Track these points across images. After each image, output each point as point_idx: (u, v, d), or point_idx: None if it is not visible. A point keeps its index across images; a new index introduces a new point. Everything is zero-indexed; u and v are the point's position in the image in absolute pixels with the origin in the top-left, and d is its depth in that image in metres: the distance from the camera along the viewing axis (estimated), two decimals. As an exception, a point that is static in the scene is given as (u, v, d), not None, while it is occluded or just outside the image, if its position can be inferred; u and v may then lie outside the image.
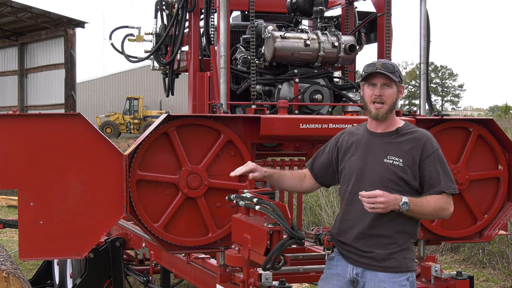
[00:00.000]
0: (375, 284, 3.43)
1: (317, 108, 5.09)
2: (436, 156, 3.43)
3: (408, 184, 3.42)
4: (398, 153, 3.44)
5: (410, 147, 3.44)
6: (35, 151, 4.05)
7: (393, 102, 3.48)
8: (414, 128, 3.54)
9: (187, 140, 4.34)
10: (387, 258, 3.43)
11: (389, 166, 3.43)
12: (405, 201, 3.31)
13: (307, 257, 5.30)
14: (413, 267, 3.51)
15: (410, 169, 3.42)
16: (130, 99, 41.09)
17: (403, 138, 3.48)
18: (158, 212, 4.31)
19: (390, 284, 3.41)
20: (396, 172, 3.42)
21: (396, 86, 3.48)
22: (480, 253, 8.66)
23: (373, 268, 3.45)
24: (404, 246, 3.46)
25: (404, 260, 3.45)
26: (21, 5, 21.91)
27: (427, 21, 5.24)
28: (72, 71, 22.28)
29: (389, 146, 3.48)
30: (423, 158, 3.42)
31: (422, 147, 3.43)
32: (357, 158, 3.54)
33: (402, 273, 3.44)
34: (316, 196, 11.00)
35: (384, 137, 3.51)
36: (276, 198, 4.79)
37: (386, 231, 3.42)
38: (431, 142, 3.46)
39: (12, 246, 10.12)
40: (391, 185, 3.41)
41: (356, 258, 3.50)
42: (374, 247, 3.45)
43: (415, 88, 68.34)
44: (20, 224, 4.06)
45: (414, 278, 3.52)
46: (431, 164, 3.41)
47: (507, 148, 4.96)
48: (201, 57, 5.53)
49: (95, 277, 5.72)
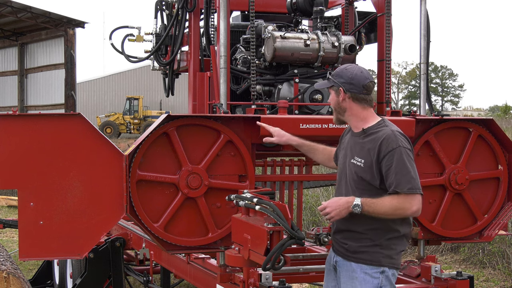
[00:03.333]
0: (349, 274, 3.59)
1: (317, 108, 5.09)
2: (392, 155, 3.44)
3: (370, 184, 3.52)
4: (361, 154, 3.57)
5: (369, 147, 3.53)
6: (35, 151, 4.05)
7: (335, 106, 3.66)
8: (380, 128, 3.57)
9: (187, 140, 4.34)
10: (358, 250, 3.57)
11: (352, 167, 3.60)
12: (356, 203, 3.45)
13: (307, 257, 5.30)
14: (387, 263, 3.53)
15: (369, 169, 3.51)
16: (130, 99, 41.09)
17: (367, 138, 3.58)
18: (158, 212, 4.31)
19: (361, 275, 3.54)
20: (357, 173, 3.56)
21: (333, 91, 3.66)
22: (480, 253, 8.66)
23: (347, 258, 3.62)
24: (378, 242, 3.54)
25: (376, 255, 3.53)
26: (21, 5, 21.91)
27: (427, 21, 5.24)
28: (72, 71, 22.29)
29: (356, 146, 3.63)
30: (380, 158, 3.48)
31: (379, 148, 3.48)
32: (342, 157, 3.77)
33: (374, 266, 3.53)
34: (316, 196, 11.00)
35: (355, 137, 3.67)
36: (276, 198, 4.79)
37: (358, 227, 3.57)
38: (389, 141, 3.46)
39: (12, 246, 10.12)
40: (355, 184, 3.57)
41: (336, 246, 3.72)
42: (349, 239, 3.62)
43: (415, 88, 68.37)
44: (20, 224, 4.06)
45: (390, 274, 3.54)
46: (387, 164, 3.45)
47: (507, 148, 4.97)
48: (201, 57, 5.53)
49: (95, 277, 5.72)
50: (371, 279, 3.51)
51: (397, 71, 70.07)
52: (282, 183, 5.19)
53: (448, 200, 4.85)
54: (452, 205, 4.88)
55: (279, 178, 5.08)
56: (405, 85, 74.16)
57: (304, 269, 4.97)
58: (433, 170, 4.83)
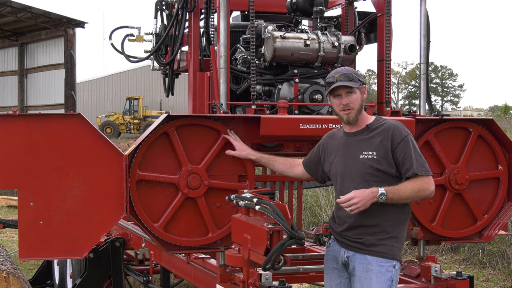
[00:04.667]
0: (364, 267, 3.69)
1: (317, 108, 5.09)
2: (406, 142, 3.69)
3: (386, 173, 3.69)
4: (371, 147, 3.72)
5: (381, 139, 3.72)
6: (35, 151, 4.04)
7: (359, 105, 3.79)
8: (383, 121, 3.82)
9: (187, 140, 4.34)
10: (377, 243, 3.67)
11: (365, 161, 3.72)
12: (381, 193, 3.60)
13: (307, 257, 5.31)
14: (399, 256, 3.74)
15: (384, 159, 3.69)
16: (130, 99, 41.09)
17: (374, 132, 3.76)
18: (158, 212, 4.31)
19: (377, 267, 3.65)
20: (372, 166, 3.70)
21: (358, 90, 3.79)
22: (480, 253, 8.66)
23: (363, 251, 3.71)
24: (393, 234, 3.70)
25: (392, 248, 3.69)
26: (21, 5, 21.92)
27: (427, 21, 5.24)
28: (72, 71, 22.30)
29: (362, 142, 3.77)
30: (394, 146, 3.68)
31: (391, 137, 3.70)
32: (339, 159, 3.85)
33: (389, 259, 3.68)
34: (316, 196, 11.00)
35: (357, 135, 3.81)
36: (276, 198, 4.79)
37: (373, 221, 3.68)
38: (399, 130, 3.72)
39: (12, 246, 10.12)
40: (370, 178, 3.69)
41: (348, 243, 3.77)
42: (364, 235, 3.71)
43: (415, 88, 68.36)
44: (20, 224, 4.06)
45: (399, 268, 3.75)
46: (402, 151, 3.67)
47: (507, 148, 4.96)
48: (201, 57, 5.53)
49: (95, 277, 5.72)
50: (386, 272, 3.65)
51: (397, 71, 70.17)
52: (282, 183, 5.19)
53: (448, 200, 4.85)
54: (452, 205, 4.88)
55: (279, 178, 5.09)
56: (405, 85, 74.20)
57: (304, 269, 4.98)
58: (433, 170, 4.80)
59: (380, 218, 3.67)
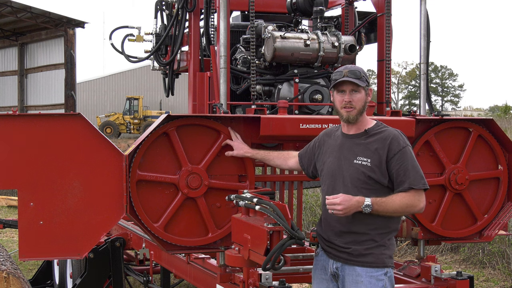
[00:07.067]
0: (353, 278, 3.59)
1: (317, 108, 5.09)
2: (403, 153, 3.57)
3: (378, 182, 3.58)
4: (366, 154, 3.61)
5: (377, 147, 3.60)
6: (35, 151, 4.04)
7: (362, 106, 3.67)
8: (383, 128, 3.69)
9: (187, 140, 4.34)
10: (364, 253, 3.58)
11: (358, 166, 3.61)
12: (367, 204, 3.49)
13: (307, 257, 5.30)
14: (390, 263, 3.64)
15: (378, 168, 3.57)
16: (130, 99, 41.10)
17: (372, 138, 3.64)
18: (158, 212, 4.31)
19: (367, 279, 3.56)
20: (364, 172, 3.58)
21: (364, 90, 3.67)
22: (480, 253, 8.66)
23: (351, 262, 3.61)
24: (381, 243, 3.60)
25: (381, 256, 3.60)
26: (21, 5, 21.93)
27: (427, 21, 5.24)
28: (72, 71, 22.30)
29: (358, 147, 3.65)
30: (390, 156, 3.57)
31: (388, 146, 3.58)
32: (332, 160, 3.74)
33: (379, 268, 3.59)
34: (316, 196, 11.00)
35: (354, 138, 3.70)
36: (276, 198, 4.79)
37: (362, 228, 3.58)
38: (397, 140, 3.59)
39: (12, 246, 10.12)
40: (361, 185, 3.58)
41: (335, 253, 3.67)
42: (351, 243, 3.61)
43: (415, 88, 68.37)
44: (20, 224, 4.05)
45: (392, 274, 3.66)
46: (398, 162, 3.56)
47: (507, 148, 4.96)
48: (201, 57, 5.53)
49: (95, 277, 5.72)
50: (376, 281, 3.57)
51: (397, 71, 70.11)
52: (282, 183, 5.19)
53: (448, 200, 4.85)
54: (452, 205, 4.88)
55: (279, 178, 5.09)
56: (405, 85, 74.18)
57: (304, 269, 4.98)
58: (433, 170, 4.83)
59: (369, 226, 3.57)
